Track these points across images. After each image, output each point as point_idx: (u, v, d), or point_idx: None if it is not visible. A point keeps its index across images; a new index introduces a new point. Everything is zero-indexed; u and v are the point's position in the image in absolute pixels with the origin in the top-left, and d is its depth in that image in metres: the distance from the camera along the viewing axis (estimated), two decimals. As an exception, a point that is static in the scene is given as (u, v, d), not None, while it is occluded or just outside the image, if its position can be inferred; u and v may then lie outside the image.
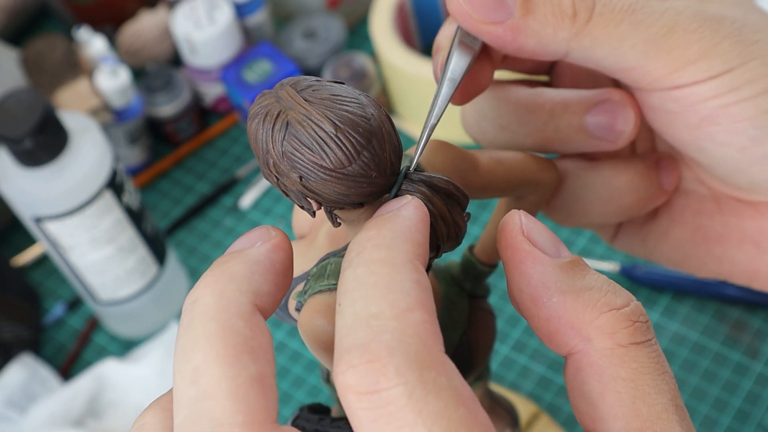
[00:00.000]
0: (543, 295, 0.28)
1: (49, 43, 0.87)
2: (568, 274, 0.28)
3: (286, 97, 0.29)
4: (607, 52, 0.34)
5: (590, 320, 0.28)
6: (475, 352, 0.40)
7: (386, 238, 0.27)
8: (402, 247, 0.26)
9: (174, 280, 0.80)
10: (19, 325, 0.80)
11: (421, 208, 0.28)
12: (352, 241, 0.27)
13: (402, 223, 0.27)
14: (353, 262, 0.26)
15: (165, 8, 0.94)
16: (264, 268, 0.27)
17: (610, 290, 0.28)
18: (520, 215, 0.30)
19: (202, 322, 0.26)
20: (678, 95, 0.35)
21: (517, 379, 0.69)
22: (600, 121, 0.38)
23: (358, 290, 0.25)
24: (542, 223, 0.30)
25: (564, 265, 0.29)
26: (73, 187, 0.67)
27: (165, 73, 0.90)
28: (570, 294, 0.28)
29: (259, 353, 0.25)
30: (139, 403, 0.74)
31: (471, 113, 0.41)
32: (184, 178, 0.91)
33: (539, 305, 0.29)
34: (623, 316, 0.28)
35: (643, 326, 0.28)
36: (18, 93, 0.66)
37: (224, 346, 0.25)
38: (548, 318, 0.28)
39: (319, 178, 0.29)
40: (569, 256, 0.29)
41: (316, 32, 0.91)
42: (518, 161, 0.38)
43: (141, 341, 0.81)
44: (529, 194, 0.39)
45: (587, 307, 0.28)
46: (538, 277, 0.28)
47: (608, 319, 0.28)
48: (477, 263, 0.40)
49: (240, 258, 0.28)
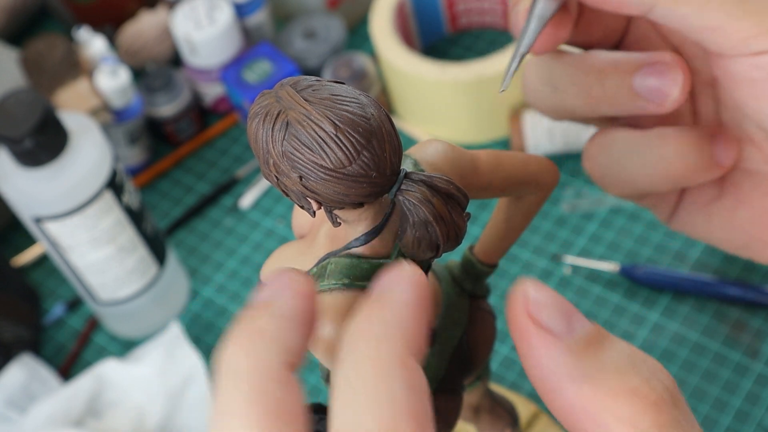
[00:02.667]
0: (555, 385, 0.26)
1: (49, 43, 0.87)
2: (581, 358, 0.26)
3: (286, 97, 0.29)
4: (693, 8, 0.33)
5: (608, 409, 0.26)
6: (475, 352, 0.40)
7: (376, 332, 0.25)
8: (392, 342, 0.25)
9: (174, 280, 0.80)
10: (19, 325, 0.80)
11: (419, 285, 0.26)
12: (345, 332, 0.26)
13: (395, 311, 0.25)
14: (344, 361, 0.25)
15: (165, 8, 0.94)
16: (293, 323, 0.26)
17: (628, 366, 0.26)
18: (525, 289, 0.27)
19: (236, 385, 0.25)
20: (763, 62, 0.34)
21: (517, 379, 0.69)
22: (648, 83, 0.37)
23: (347, 395, 0.25)
24: (551, 291, 0.27)
25: (576, 347, 0.26)
26: (73, 187, 0.67)
27: (165, 73, 0.90)
28: (584, 382, 0.26)
29: (292, 416, 0.25)
30: (139, 403, 0.74)
31: (530, 77, 0.41)
32: (184, 178, 0.91)
33: (554, 395, 0.26)
34: (642, 395, 0.25)
35: (667, 405, 0.26)
36: (18, 93, 0.66)
37: (258, 413, 0.24)
38: (563, 408, 0.26)
39: (319, 178, 0.29)
40: (584, 332, 0.27)
41: (316, 32, 0.91)
42: (518, 161, 0.37)
43: (141, 341, 0.81)
44: (529, 194, 0.39)
45: (604, 396, 0.26)
46: (548, 364, 0.26)
47: (626, 405, 0.25)
48: (477, 263, 0.40)
49: (268, 314, 0.26)
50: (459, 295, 0.39)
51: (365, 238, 0.31)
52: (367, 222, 0.31)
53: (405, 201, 0.30)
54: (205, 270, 0.84)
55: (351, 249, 0.31)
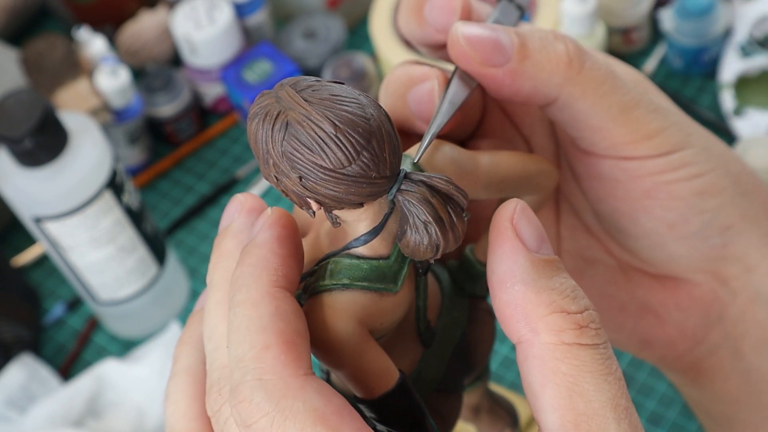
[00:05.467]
0: (508, 280, 0.30)
1: (49, 43, 0.87)
2: (537, 270, 0.30)
3: (285, 97, 0.29)
4: (588, 106, 0.36)
5: (541, 315, 0.30)
6: (474, 351, 0.40)
7: (244, 277, 0.30)
8: (258, 282, 0.29)
9: (174, 280, 0.80)
10: (19, 325, 0.80)
11: (276, 223, 0.31)
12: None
13: (257, 254, 0.30)
14: (230, 306, 0.30)
15: (165, 8, 0.94)
16: (246, 234, 0.32)
17: (570, 296, 0.30)
18: (516, 205, 0.31)
19: (213, 287, 0.32)
20: (628, 166, 0.38)
21: (517, 379, 0.69)
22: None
23: (231, 333, 0.29)
24: (536, 219, 0.31)
25: (537, 260, 0.30)
26: (73, 187, 0.67)
27: (165, 73, 0.90)
28: (531, 287, 0.30)
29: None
30: (138, 403, 0.74)
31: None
32: (184, 179, 0.91)
33: (503, 289, 0.30)
34: (572, 318, 0.30)
35: (591, 331, 0.30)
36: (18, 93, 0.66)
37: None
38: (507, 303, 0.30)
39: (319, 178, 0.29)
40: (548, 255, 0.31)
41: (316, 32, 0.91)
42: (517, 162, 0.37)
43: (141, 341, 0.81)
44: (529, 195, 0.39)
45: (542, 304, 0.30)
46: (509, 263, 0.30)
47: (557, 318, 0.29)
48: (476, 263, 0.40)
49: (230, 236, 0.33)
50: (458, 295, 0.39)
51: (365, 238, 0.31)
52: (366, 222, 0.31)
53: (405, 201, 0.30)
54: (205, 270, 0.84)
55: (350, 249, 0.31)
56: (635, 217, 0.39)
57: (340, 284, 0.31)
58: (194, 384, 0.33)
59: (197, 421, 0.33)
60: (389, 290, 0.31)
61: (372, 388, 0.31)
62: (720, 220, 0.39)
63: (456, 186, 0.30)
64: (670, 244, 0.39)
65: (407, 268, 0.32)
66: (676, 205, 0.38)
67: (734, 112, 0.84)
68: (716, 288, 0.41)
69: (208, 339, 0.32)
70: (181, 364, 0.34)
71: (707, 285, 0.41)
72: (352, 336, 0.30)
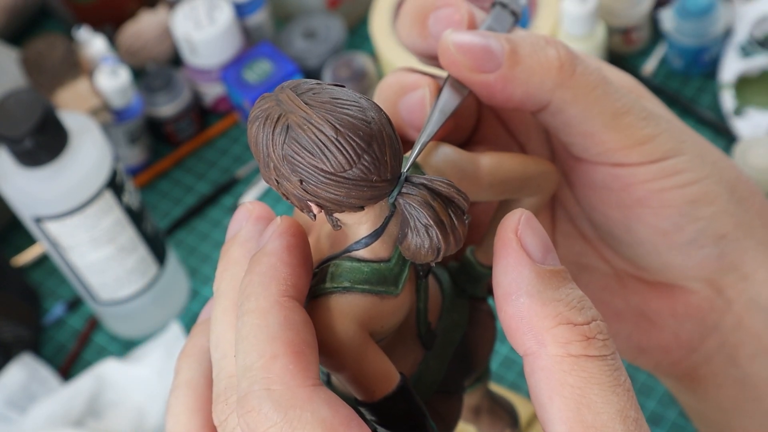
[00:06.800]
0: (514, 293, 0.30)
1: (49, 43, 0.87)
2: (542, 281, 0.30)
3: (286, 100, 0.29)
4: (580, 111, 0.36)
5: (548, 327, 0.29)
6: (475, 353, 0.40)
7: (253, 285, 0.30)
8: (267, 291, 0.29)
9: (174, 280, 0.80)
10: (19, 325, 0.80)
11: (286, 232, 0.31)
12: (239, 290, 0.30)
13: (266, 263, 0.30)
14: (239, 315, 0.30)
15: (165, 8, 0.94)
16: (255, 242, 0.32)
17: (576, 306, 0.30)
18: (521, 215, 0.31)
19: (221, 294, 0.32)
20: (620, 173, 0.38)
21: (517, 379, 0.69)
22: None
23: (239, 342, 0.29)
24: (541, 228, 0.31)
25: (543, 272, 0.30)
26: (73, 187, 0.67)
27: (165, 73, 0.90)
28: (537, 299, 0.30)
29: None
30: (138, 403, 0.75)
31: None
32: (184, 178, 0.91)
33: (508, 302, 0.30)
34: (579, 330, 0.29)
35: (598, 342, 0.29)
36: (18, 93, 0.66)
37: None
38: (512, 315, 0.30)
39: (320, 182, 0.29)
40: (554, 265, 0.31)
41: (316, 32, 0.91)
42: (519, 164, 0.37)
43: (141, 341, 0.81)
44: (530, 197, 0.39)
45: (548, 316, 0.29)
46: (514, 275, 0.30)
47: (563, 330, 0.29)
48: (477, 265, 0.40)
49: (236, 245, 0.33)
50: (459, 297, 0.39)
51: (366, 241, 0.31)
52: (367, 225, 0.31)
53: (406, 204, 0.30)
54: (205, 270, 0.84)
55: (351, 252, 0.31)
56: (629, 225, 0.39)
57: (341, 287, 0.31)
58: (195, 397, 0.33)
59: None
60: (390, 293, 0.31)
61: (373, 391, 0.31)
62: (714, 228, 0.39)
63: (457, 189, 0.30)
64: (664, 252, 0.39)
65: (408, 270, 0.32)
66: (670, 213, 0.38)
67: (734, 112, 0.84)
68: (712, 296, 0.41)
69: (215, 347, 0.32)
70: (183, 377, 0.34)
71: (703, 293, 0.41)
72: (352, 339, 0.30)
